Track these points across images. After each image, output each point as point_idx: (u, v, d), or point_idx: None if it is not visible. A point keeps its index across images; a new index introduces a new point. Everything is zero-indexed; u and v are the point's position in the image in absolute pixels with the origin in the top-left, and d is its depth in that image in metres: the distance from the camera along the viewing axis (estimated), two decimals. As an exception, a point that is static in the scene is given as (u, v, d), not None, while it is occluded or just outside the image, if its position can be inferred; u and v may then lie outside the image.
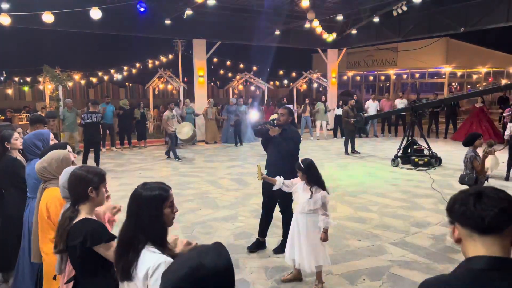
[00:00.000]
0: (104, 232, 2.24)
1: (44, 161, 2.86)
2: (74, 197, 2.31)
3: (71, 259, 2.26)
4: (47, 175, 2.85)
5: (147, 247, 1.85)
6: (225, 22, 15.20)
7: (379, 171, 9.72)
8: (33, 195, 3.50)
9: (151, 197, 1.90)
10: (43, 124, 4.77)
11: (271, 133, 4.78)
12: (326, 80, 18.98)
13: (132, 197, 1.94)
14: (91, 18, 9.01)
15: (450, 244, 5.21)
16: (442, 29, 15.23)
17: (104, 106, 12.96)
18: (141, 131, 14.01)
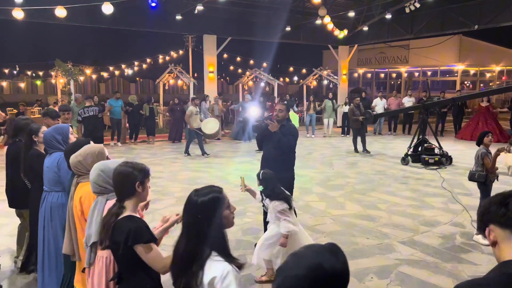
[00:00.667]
0: (147, 232, 2.20)
1: (79, 155, 2.83)
2: (120, 193, 2.29)
3: (115, 255, 2.26)
4: (81, 169, 2.82)
5: (211, 257, 1.78)
6: (235, 18, 15.19)
7: (389, 169, 9.66)
8: (50, 188, 3.52)
9: (208, 202, 1.83)
10: (50, 118, 4.80)
11: (271, 129, 4.75)
12: (337, 77, 18.88)
13: (188, 206, 1.88)
14: (103, 13, 9.06)
15: (459, 243, 5.17)
16: (455, 27, 15.04)
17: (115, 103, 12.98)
18: (150, 126, 14.09)
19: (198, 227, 1.81)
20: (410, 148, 10.32)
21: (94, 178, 2.49)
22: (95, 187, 2.50)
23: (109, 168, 2.49)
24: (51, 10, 9.04)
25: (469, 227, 5.72)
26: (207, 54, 15.64)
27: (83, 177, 2.82)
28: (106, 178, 2.47)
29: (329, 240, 5.32)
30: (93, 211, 2.51)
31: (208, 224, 1.79)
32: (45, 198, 3.54)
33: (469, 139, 13.79)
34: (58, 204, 3.46)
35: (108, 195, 2.51)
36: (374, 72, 27.26)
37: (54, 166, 3.47)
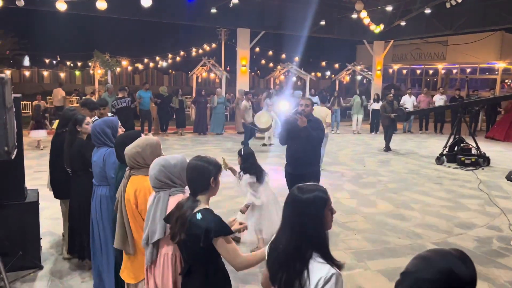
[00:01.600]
0: (226, 225, 2.22)
1: (138, 146, 2.76)
2: (195, 187, 2.29)
3: (188, 249, 2.24)
4: (139, 161, 2.76)
5: (314, 257, 1.73)
6: (269, 11, 15.15)
7: (423, 168, 9.45)
8: (99, 182, 3.56)
9: (313, 200, 1.78)
10: (88, 109, 4.91)
11: (301, 124, 4.65)
12: (371, 72, 18.55)
13: (291, 202, 1.82)
14: (141, 6, 9.26)
15: (496, 247, 5.02)
16: (497, 23, 14.46)
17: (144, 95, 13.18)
18: (181, 118, 14.19)
19: (302, 225, 1.75)
20: (445, 147, 10.05)
21: (155, 173, 2.46)
22: (156, 182, 2.47)
23: (170, 163, 2.47)
24: (93, 2, 9.31)
25: (506, 231, 5.54)
26: (240, 48, 15.70)
27: (137, 170, 2.78)
28: (168, 173, 2.46)
29: (360, 237, 5.28)
30: (155, 207, 2.46)
31: (313, 223, 1.75)
32: (95, 191, 3.60)
33: (502, 139, 13.35)
34: (106, 197, 3.50)
35: (170, 191, 2.49)
36: (409, 69, 26.60)
37: (100, 161, 3.48)
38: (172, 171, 2.46)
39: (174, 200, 2.43)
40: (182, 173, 2.46)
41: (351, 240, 5.19)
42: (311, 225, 1.75)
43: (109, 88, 12.49)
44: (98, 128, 3.55)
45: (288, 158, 4.97)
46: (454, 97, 14.37)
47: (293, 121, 4.79)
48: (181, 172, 2.47)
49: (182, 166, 2.47)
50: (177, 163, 2.49)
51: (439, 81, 24.62)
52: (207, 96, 14.99)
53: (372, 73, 18.54)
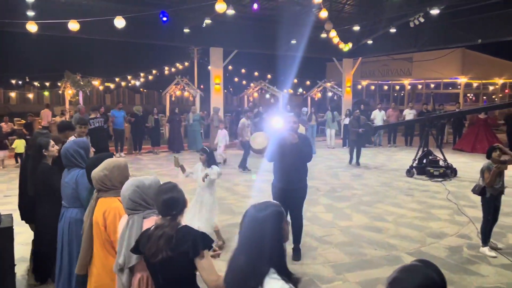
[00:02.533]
0: (210, 237, 2.29)
1: (105, 169, 2.75)
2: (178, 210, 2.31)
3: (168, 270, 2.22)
4: (106, 184, 2.74)
5: (269, 274, 1.72)
6: (242, 31, 15.42)
7: (394, 181, 9.75)
8: (69, 204, 3.51)
9: (272, 216, 1.79)
10: (71, 130, 4.89)
11: (293, 140, 4.89)
12: (341, 89, 19.05)
13: (249, 221, 1.81)
14: (114, 26, 9.27)
15: (466, 255, 5.25)
16: (458, 41, 15.28)
17: (117, 114, 13.10)
18: (155, 137, 14.17)
19: (259, 243, 1.75)
20: (415, 160, 10.42)
21: (129, 194, 2.43)
22: (130, 203, 2.44)
23: (144, 184, 2.46)
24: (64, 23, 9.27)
25: (475, 239, 5.79)
26: (213, 66, 15.85)
27: (106, 192, 2.76)
28: (142, 194, 2.44)
29: (337, 250, 5.40)
30: (130, 231, 2.41)
31: (273, 239, 1.76)
32: (64, 214, 3.54)
33: (469, 150, 13.96)
34: (76, 219, 3.45)
35: (144, 213, 2.45)
36: (377, 84, 27.43)
37: (73, 182, 3.45)
38: (146, 192, 2.45)
39: (148, 223, 2.39)
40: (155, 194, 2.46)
41: (329, 254, 5.31)
42: (271, 241, 1.76)
43: (80, 108, 12.28)
44: (71, 149, 3.52)
45: (279, 174, 5.07)
46: (422, 111, 15.01)
47: (285, 138, 4.95)
48: (155, 193, 2.45)
49: (156, 187, 2.46)
50: (151, 183, 2.48)
51: (406, 96, 25.48)
52: (181, 114, 15.05)
53: (342, 89, 19.06)
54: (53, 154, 4.01)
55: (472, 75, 21.69)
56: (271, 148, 5.14)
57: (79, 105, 12.99)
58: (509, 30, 13.37)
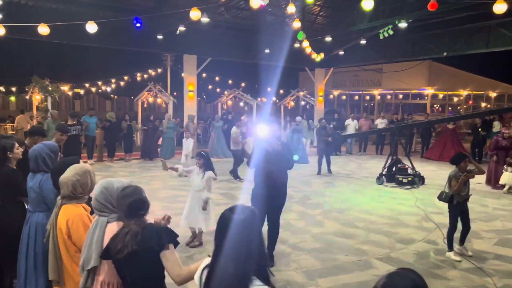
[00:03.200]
0: (174, 232, 2.31)
1: (76, 174, 2.71)
2: (144, 210, 2.35)
3: (134, 266, 2.22)
4: (76, 190, 2.70)
5: (253, 281, 1.69)
6: (216, 39, 15.46)
7: (365, 188, 9.96)
8: (34, 208, 3.42)
9: (249, 219, 1.75)
10: (42, 136, 4.78)
11: (277, 147, 5.04)
12: (313, 98, 19.36)
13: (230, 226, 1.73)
14: (85, 31, 9.12)
15: (433, 260, 5.43)
16: (425, 53, 15.85)
17: (89, 120, 12.86)
18: (128, 144, 14.00)
19: (248, 247, 1.70)
20: (384, 168, 10.69)
21: (96, 194, 2.44)
22: (95, 203, 2.44)
23: (113, 186, 2.44)
24: (33, 27, 9.05)
25: (441, 244, 5.99)
26: (187, 74, 15.79)
27: (70, 198, 2.71)
28: (108, 197, 2.42)
29: (310, 257, 5.47)
30: (92, 234, 2.40)
31: (257, 243, 1.73)
32: (29, 218, 3.45)
33: (437, 159, 14.44)
34: (42, 224, 3.35)
35: (109, 217, 2.42)
36: (348, 94, 28.02)
37: (36, 187, 3.40)
38: (113, 194, 2.41)
39: (111, 227, 2.38)
40: None
41: (302, 260, 5.37)
42: (258, 245, 1.74)
43: (52, 114, 12.00)
44: (43, 153, 3.45)
45: (262, 181, 5.08)
46: (393, 120, 15.51)
47: (270, 145, 5.05)
48: None
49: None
50: (121, 187, 2.44)
51: (376, 106, 26.13)
52: (155, 121, 14.88)
53: (314, 98, 19.36)
54: (18, 157, 3.93)
55: (439, 86, 22.54)
56: (255, 155, 5.20)
57: (53, 110, 12.64)
58: (473, 44, 14.01)
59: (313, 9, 15.34)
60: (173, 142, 14.86)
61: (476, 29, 13.76)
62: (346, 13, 14.60)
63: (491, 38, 13.49)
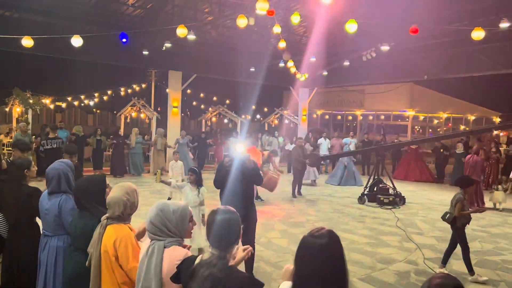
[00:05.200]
0: (258, 281, 2.10)
1: (126, 193, 2.62)
2: (224, 244, 2.09)
3: None
4: (126, 210, 2.61)
5: None
6: (202, 56, 15.57)
7: (346, 208, 10.01)
8: (54, 232, 3.22)
9: (338, 244, 1.78)
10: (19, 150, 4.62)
11: (249, 165, 5.02)
12: (297, 117, 19.55)
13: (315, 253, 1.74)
14: (70, 45, 9.08)
15: (414, 280, 5.45)
16: (406, 76, 16.31)
17: (59, 133, 12.50)
18: (97, 159, 13.48)
19: (340, 276, 1.72)
20: (366, 187, 10.79)
21: (152, 217, 2.28)
22: (150, 226, 2.28)
23: (169, 209, 2.31)
24: (17, 39, 8.97)
25: (422, 264, 6.04)
26: (171, 89, 15.80)
27: (116, 219, 2.59)
28: (164, 219, 2.28)
29: (291, 276, 5.43)
30: (149, 260, 2.25)
31: (345, 271, 1.74)
32: (47, 242, 3.23)
33: (402, 178, 14.71)
34: (64, 248, 3.17)
35: (166, 241, 2.27)
36: (331, 114, 28.41)
37: (55, 209, 3.20)
38: (169, 217, 2.29)
39: (169, 252, 2.25)
40: (180, 222, 2.31)
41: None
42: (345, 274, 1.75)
43: (21, 126, 11.48)
44: (65, 171, 3.29)
45: (230, 201, 4.83)
46: (363, 140, 16.01)
47: (244, 163, 4.98)
48: (179, 221, 2.31)
49: (182, 215, 2.33)
50: (177, 210, 2.33)
51: (358, 126, 26.52)
52: (125, 138, 14.45)
53: (298, 117, 19.55)
54: (33, 175, 3.75)
55: (420, 108, 23.06)
56: (221, 174, 5.08)
57: (21, 123, 12.11)
58: (453, 68, 14.47)
59: (298, 30, 15.63)
60: (141, 158, 14.39)
61: (455, 54, 14.22)
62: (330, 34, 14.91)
63: (469, 63, 13.95)
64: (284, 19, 11.51)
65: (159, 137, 14.28)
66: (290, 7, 11.77)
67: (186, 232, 2.38)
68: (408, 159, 15.51)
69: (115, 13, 12.66)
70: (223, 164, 5.24)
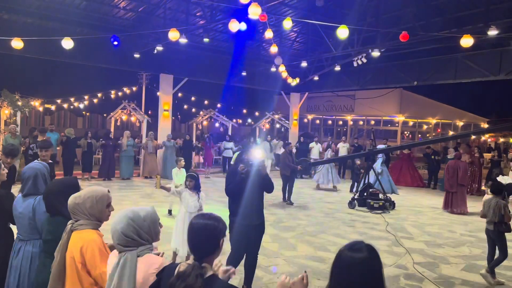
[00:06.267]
0: None
1: (79, 198, 2.50)
2: (201, 252, 1.97)
3: None
4: (76, 213, 2.48)
5: None
6: (193, 59, 15.56)
7: (337, 212, 10.05)
8: (28, 236, 3.11)
9: (376, 260, 1.73)
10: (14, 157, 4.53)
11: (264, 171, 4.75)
12: (288, 121, 19.61)
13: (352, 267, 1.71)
14: (61, 47, 9.01)
15: (403, 284, 5.48)
16: (397, 81, 16.48)
17: (49, 135, 12.35)
18: (87, 162, 13.30)
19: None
20: (356, 192, 10.85)
21: (122, 228, 2.15)
22: (122, 238, 2.15)
23: (139, 216, 2.21)
24: (7, 40, 8.88)
25: (411, 269, 6.08)
26: (162, 93, 15.75)
27: (80, 224, 2.47)
28: (137, 228, 2.18)
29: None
30: (120, 272, 2.13)
31: (384, 285, 1.69)
32: (21, 247, 3.11)
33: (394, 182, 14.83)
34: (39, 253, 3.04)
35: (138, 250, 2.18)
36: (322, 119, 28.54)
37: (29, 211, 3.09)
38: (141, 225, 2.18)
39: (143, 261, 2.16)
40: (152, 227, 2.23)
41: (274, 284, 5.32)
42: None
43: (11, 129, 11.19)
44: (42, 170, 3.19)
45: (248, 211, 4.65)
46: (354, 145, 16.30)
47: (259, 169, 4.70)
48: (150, 226, 2.23)
49: (152, 219, 2.24)
50: (147, 215, 2.23)
51: (349, 131, 26.70)
52: (117, 140, 14.29)
53: (289, 122, 19.61)
54: (3, 178, 3.62)
55: (409, 114, 23.27)
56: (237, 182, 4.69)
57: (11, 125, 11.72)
58: (442, 75, 14.67)
59: (290, 35, 15.74)
60: (132, 161, 14.27)
61: (445, 61, 14.44)
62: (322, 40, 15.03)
63: (458, 69, 14.17)
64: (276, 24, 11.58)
65: (150, 140, 14.24)
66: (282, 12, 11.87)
67: (158, 236, 2.29)
68: (400, 164, 15.66)
69: (106, 15, 12.63)
70: (237, 171, 4.74)
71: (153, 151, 14.33)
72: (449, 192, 10.45)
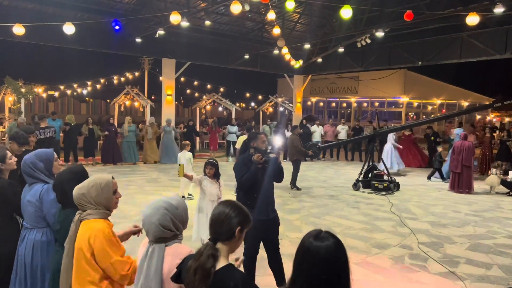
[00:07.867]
0: (254, 283, 2.03)
1: (83, 187, 2.45)
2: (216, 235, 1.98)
3: None
4: (84, 203, 2.44)
5: None
6: (195, 43, 15.45)
7: (341, 194, 10.09)
8: (33, 225, 3.09)
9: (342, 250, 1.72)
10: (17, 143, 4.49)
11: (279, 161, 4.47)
12: (291, 104, 19.53)
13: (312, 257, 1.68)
14: (62, 32, 8.95)
15: (408, 264, 5.53)
16: (401, 62, 16.29)
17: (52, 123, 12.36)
18: (89, 148, 13.36)
19: (345, 280, 1.67)
20: (361, 174, 10.86)
21: (160, 219, 2.11)
22: (160, 230, 2.12)
23: (172, 205, 2.18)
24: (8, 26, 8.83)
25: (416, 249, 6.12)
26: (165, 77, 15.70)
27: (88, 213, 2.43)
28: (173, 218, 2.16)
29: (288, 261, 5.48)
30: (149, 262, 2.13)
31: (349, 273, 1.67)
32: (26, 235, 3.09)
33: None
34: (42, 242, 3.03)
35: (168, 242, 2.16)
36: (326, 101, 28.42)
37: (36, 200, 3.04)
38: (175, 213, 2.16)
39: (171, 251, 2.15)
40: (184, 215, 2.22)
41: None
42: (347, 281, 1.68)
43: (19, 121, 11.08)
44: (28, 161, 3.11)
45: (258, 204, 4.31)
46: (355, 127, 16.32)
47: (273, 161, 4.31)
48: (183, 214, 2.21)
49: (184, 207, 2.23)
50: (179, 204, 2.21)
51: (353, 112, 26.58)
52: (118, 126, 14.32)
53: (292, 105, 19.53)
54: (11, 167, 3.58)
55: (413, 94, 23.11)
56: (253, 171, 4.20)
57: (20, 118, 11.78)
58: (446, 54, 14.48)
59: (292, 16, 15.53)
60: (135, 146, 14.26)
61: (449, 40, 14.24)
62: (325, 21, 14.85)
63: (463, 49, 13.98)
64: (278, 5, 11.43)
65: (150, 126, 14.24)
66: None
67: (186, 224, 2.28)
68: (403, 145, 15.61)
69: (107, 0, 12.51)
70: (249, 160, 4.25)
71: (153, 137, 14.33)
72: (454, 172, 10.45)
